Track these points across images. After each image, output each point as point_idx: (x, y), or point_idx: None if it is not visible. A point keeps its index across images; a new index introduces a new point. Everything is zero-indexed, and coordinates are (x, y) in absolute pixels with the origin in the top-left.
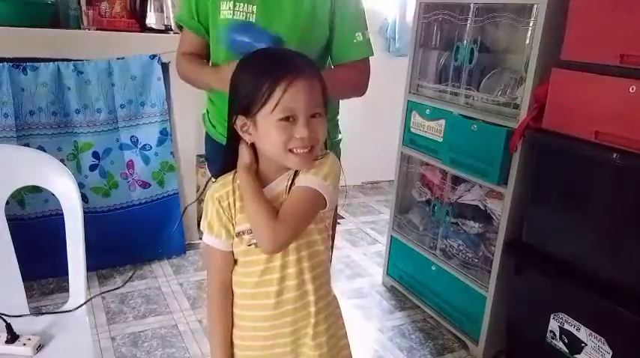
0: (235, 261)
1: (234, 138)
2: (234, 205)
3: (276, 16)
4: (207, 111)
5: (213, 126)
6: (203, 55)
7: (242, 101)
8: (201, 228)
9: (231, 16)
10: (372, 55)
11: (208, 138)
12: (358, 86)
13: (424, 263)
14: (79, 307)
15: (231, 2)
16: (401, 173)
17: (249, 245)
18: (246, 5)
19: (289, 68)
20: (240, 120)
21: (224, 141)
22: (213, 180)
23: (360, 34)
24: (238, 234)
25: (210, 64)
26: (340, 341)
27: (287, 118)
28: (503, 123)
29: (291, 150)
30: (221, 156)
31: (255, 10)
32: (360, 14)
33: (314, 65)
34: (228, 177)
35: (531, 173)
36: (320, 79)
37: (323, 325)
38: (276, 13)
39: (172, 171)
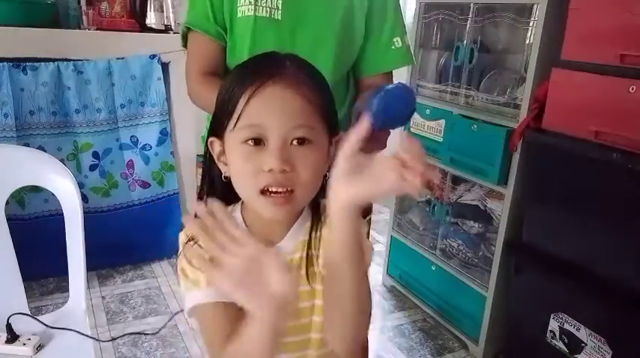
0: None
1: (211, 168)
2: None
3: (306, 11)
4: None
5: None
6: (222, 69)
7: (214, 116)
8: (182, 289)
9: (252, 13)
10: (414, 64)
11: None
12: None
13: (424, 263)
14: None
15: None
16: None
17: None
18: (269, 0)
19: (263, 69)
20: (216, 145)
21: None
22: None
23: (399, 39)
24: None
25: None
26: None
27: (254, 140)
28: (503, 123)
29: (263, 191)
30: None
31: (280, 5)
32: (400, 15)
33: (310, 69)
34: None
35: (531, 173)
36: (317, 88)
37: None
38: (305, 7)
39: (172, 171)
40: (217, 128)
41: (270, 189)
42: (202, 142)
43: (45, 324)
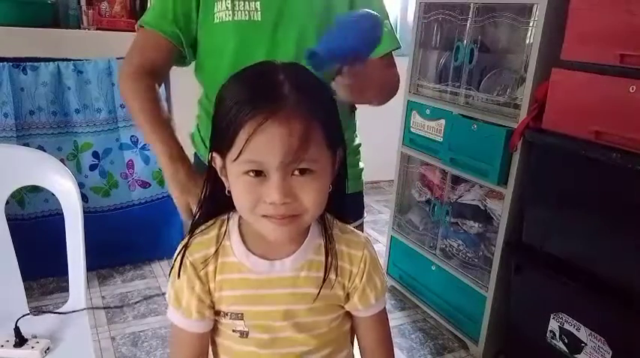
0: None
1: (215, 176)
2: (214, 277)
3: (285, 8)
4: (199, 130)
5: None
6: (163, 69)
7: (214, 134)
8: (166, 298)
9: (230, 18)
10: (400, 47)
11: (201, 165)
12: (398, 82)
13: (424, 263)
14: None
15: (229, 0)
16: (401, 173)
17: (234, 330)
18: (247, 3)
19: (263, 101)
20: (218, 160)
21: None
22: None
23: (387, 21)
24: (218, 313)
25: (203, 90)
26: None
27: (255, 172)
28: (503, 123)
29: (265, 215)
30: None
31: (259, 6)
32: (382, 2)
33: (310, 86)
34: (212, 231)
35: (531, 173)
36: (319, 108)
37: None
38: (284, 4)
39: None
40: (218, 148)
41: (274, 217)
42: (190, 140)
43: (45, 325)
